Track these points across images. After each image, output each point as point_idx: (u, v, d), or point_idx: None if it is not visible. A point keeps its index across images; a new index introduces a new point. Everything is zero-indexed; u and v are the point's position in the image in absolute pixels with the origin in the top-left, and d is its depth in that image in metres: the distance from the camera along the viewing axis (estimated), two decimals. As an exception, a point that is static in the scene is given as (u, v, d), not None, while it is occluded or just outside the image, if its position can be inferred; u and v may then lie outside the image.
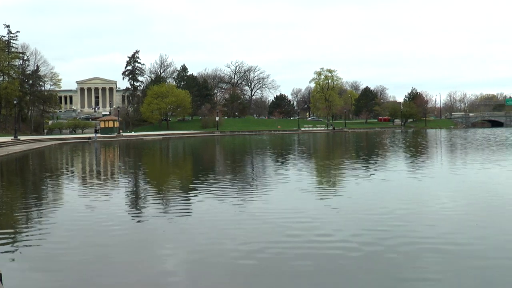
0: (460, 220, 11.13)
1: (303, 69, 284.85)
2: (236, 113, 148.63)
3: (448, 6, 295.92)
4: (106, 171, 26.43)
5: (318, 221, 11.08)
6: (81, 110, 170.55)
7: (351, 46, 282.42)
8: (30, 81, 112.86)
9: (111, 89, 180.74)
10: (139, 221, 11.77)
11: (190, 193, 16.12)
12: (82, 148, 54.00)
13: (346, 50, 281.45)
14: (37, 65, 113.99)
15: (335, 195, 15.26)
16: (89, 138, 76.63)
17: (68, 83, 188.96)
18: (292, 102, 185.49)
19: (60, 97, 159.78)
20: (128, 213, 12.88)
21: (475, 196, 14.67)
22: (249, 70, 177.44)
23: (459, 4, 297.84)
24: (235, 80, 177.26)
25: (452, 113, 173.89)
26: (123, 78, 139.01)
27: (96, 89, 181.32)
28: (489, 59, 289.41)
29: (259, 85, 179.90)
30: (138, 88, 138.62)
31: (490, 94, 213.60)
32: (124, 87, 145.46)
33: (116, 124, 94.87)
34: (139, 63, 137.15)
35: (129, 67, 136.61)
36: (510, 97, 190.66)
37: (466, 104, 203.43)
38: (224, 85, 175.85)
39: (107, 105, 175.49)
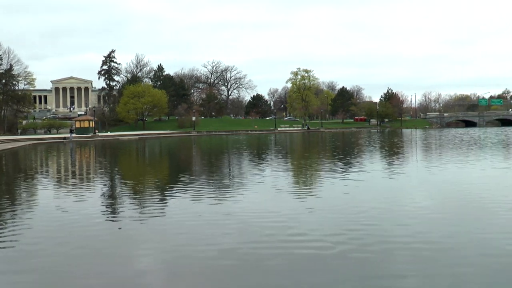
0: (434, 219, 11.28)
1: (280, 69, 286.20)
2: (213, 113, 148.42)
3: (423, 8, 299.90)
4: (82, 172, 26.16)
5: (293, 221, 11.14)
6: (56, 110, 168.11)
7: (327, 46, 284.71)
8: (3, 80, 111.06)
9: (86, 89, 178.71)
10: (113, 222, 11.70)
11: (165, 194, 16.08)
12: (57, 148, 53.33)
13: (322, 50, 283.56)
14: (10, 64, 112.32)
15: (310, 195, 15.34)
16: (64, 138, 75.64)
17: (42, 82, 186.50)
18: (268, 102, 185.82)
19: (35, 97, 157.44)
20: (103, 214, 12.76)
21: (449, 195, 14.90)
22: (226, 70, 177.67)
23: (434, 6, 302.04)
24: (212, 80, 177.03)
25: (427, 113, 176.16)
26: (99, 78, 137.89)
27: (72, 89, 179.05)
28: (463, 60, 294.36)
29: (236, 85, 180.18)
30: (114, 88, 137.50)
31: (464, 95, 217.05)
32: (100, 87, 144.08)
33: (92, 124, 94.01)
34: (115, 62, 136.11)
35: (105, 67, 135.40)
36: (483, 97, 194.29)
37: (441, 104, 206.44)
38: (200, 85, 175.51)
39: (83, 105, 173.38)
